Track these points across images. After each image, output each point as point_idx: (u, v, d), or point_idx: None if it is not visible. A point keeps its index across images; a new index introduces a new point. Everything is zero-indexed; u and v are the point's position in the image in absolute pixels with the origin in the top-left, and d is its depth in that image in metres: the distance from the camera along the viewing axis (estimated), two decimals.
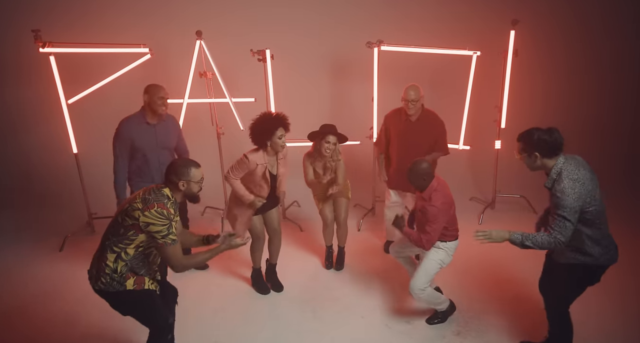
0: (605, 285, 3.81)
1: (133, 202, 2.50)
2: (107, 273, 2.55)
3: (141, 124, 3.70)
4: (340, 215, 4.11)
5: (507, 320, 3.51)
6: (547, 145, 2.58)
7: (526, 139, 2.64)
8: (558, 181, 2.56)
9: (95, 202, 5.14)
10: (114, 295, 2.60)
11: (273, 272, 3.99)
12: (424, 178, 3.19)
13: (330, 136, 3.76)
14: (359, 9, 5.76)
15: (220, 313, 3.69)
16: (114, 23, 5.45)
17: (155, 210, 2.45)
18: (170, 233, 2.50)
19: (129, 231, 2.51)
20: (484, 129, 5.59)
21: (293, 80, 5.62)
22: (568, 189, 2.50)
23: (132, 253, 2.56)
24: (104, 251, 2.57)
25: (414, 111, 4.00)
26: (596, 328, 3.35)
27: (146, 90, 3.69)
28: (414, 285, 3.28)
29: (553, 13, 5.84)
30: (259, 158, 3.46)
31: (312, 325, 3.53)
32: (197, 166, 2.63)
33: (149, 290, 2.65)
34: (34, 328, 3.55)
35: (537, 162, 2.64)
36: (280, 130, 3.42)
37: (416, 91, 3.93)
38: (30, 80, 5.54)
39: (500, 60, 4.85)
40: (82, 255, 4.58)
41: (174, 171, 2.57)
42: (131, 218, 2.48)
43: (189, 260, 2.65)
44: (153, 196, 2.51)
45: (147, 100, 3.67)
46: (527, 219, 5.16)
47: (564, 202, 2.50)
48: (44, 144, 5.78)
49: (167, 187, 2.59)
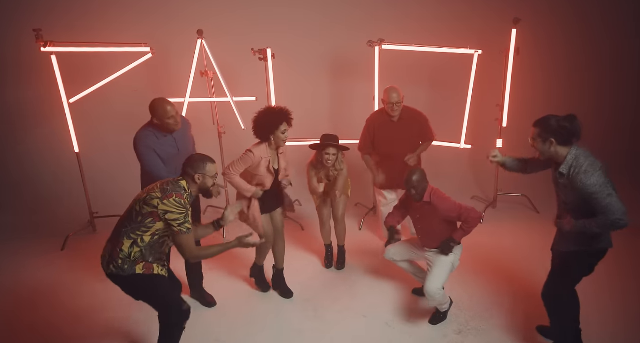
0: (606, 285, 3.83)
1: (152, 192, 2.64)
2: (120, 258, 2.64)
3: (159, 137, 3.39)
4: (338, 212, 4.12)
5: (509, 319, 3.51)
6: (566, 132, 2.59)
7: (544, 124, 2.64)
8: (576, 166, 2.55)
9: (96, 201, 5.15)
10: (125, 278, 2.68)
11: (281, 278, 3.94)
12: (426, 181, 3.30)
13: (329, 148, 3.80)
14: (360, 8, 5.76)
15: (221, 312, 3.69)
16: (115, 22, 5.45)
17: (173, 199, 2.59)
18: (187, 222, 2.63)
19: (147, 219, 2.62)
20: (486, 127, 5.58)
21: (294, 79, 5.62)
22: (590, 168, 2.51)
23: (148, 240, 2.67)
24: (120, 237, 2.66)
25: (398, 112, 4.11)
26: (597, 328, 3.34)
27: (153, 113, 3.34)
28: (433, 286, 3.27)
29: (554, 11, 5.83)
30: (263, 152, 3.46)
31: (313, 324, 3.54)
32: (213, 162, 2.79)
33: (158, 276, 2.75)
34: (38, 326, 3.56)
35: (552, 148, 2.64)
36: (284, 125, 3.43)
37: (398, 93, 4.06)
38: (32, 79, 5.55)
39: (502, 59, 4.84)
40: (83, 254, 4.59)
41: (190, 164, 2.72)
42: (150, 206, 2.60)
43: (200, 251, 2.78)
44: (171, 187, 2.65)
45: (158, 122, 3.35)
46: (529, 218, 5.16)
47: (592, 179, 2.48)
48: (46, 144, 5.79)
49: (183, 180, 2.73)
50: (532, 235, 4.72)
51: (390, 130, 4.20)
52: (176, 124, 3.37)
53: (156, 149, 3.39)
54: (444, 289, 3.31)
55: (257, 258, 3.90)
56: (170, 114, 3.31)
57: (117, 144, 5.78)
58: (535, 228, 4.84)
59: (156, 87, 5.61)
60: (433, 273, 3.32)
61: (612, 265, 4.09)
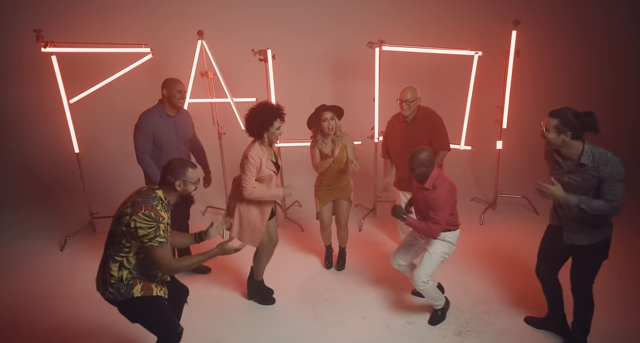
0: (605, 286, 3.83)
1: (124, 208, 2.50)
2: (112, 283, 2.55)
3: (162, 116, 3.77)
4: (342, 218, 4.08)
5: (508, 320, 3.51)
6: (584, 127, 2.65)
7: (564, 117, 2.65)
8: (598, 155, 2.64)
9: (96, 202, 5.15)
10: (123, 303, 2.60)
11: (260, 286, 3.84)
12: (426, 165, 3.15)
13: (324, 113, 3.75)
14: (360, 9, 5.77)
15: (221, 313, 3.69)
16: (115, 23, 5.46)
17: (142, 213, 2.43)
18: (157, 236, 2.45)
19: (122, 239, 2.51)
20: (486, 129, 5.59)
21: (294, 80, 5.63)
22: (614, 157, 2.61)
23: (134, 261, 2.56)
24: (107, 262, 2.57)
25: (409, 112, 4.00)
26: (596, 328, 3.34)
27: (164, 85, 3.76)
28: (418, 276, 3.28)
29: (554, 13, 5.84)
30: (258, 152, 3.35)
31: (313, 326, 3.53)
32: (194, 167, 2.61)
33: (157, 297, 2.65)
34: (37, 326, 3.56)
35: (565, 140, 2.68)
36: (277, 122, 3.35)
37: (413, 92, 3.93)
38: (32, 80, 5.56)
39: (502, 61, 4.85)
40: (83, 254, 4.59)
41: (170, 171, 2.54)
42: (122, 224, 2.48)
43: (178, 263, 2.59)
44: (142, 198, 2.48)
45: (166, 94, 3.75)
46: (529, 219, 5.16)
47: (620, 167, 2.59)
48: (46, 144, 5.80)
49: (160, 189, 2.57)
50: (531, 236, 4.69)
51: (401, 130, 4.12)
52: (182, 98, 3.78)
53: (156, 131, 3.72)
54: (432, 282, 3.32)
55: (256, 273, 3.76)
56: (179, 87, 3.73)
57: (117, 145, 5.79)
58: (534, 230, 4.80)
59: (156, 88, 5.61)
60: (422, 263, 3.32)
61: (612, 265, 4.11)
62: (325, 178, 3.97)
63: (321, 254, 4.48)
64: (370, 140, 5.13)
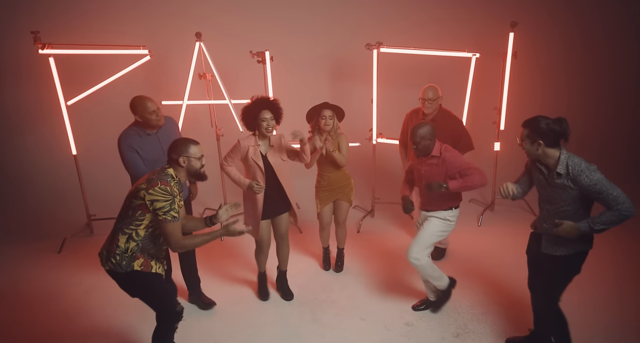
0: (605, 287, 3.83)
1: (139, 184, 2.62)
2: (117, 254, 2.64)
3: (142, 136, 3.35)
4: (340, 217, 4.11)
5: (506, 322, 3.51)
6: (555, 135, 2.61)
7: (533, 126, 2.64)
8: (573, 165, 2.58)
9: (94, 204, 5.14)
10: (123, 275, 2.68)
11: (283, 279, 3.96)
12: (429, 138, 3.21)
13: (324, 110, 3.80)
14: (358, 11, 5.78)
15: (219, 315, 3.68)
16: (113, 24, 5.46)
17: (159, 187, 2.55)
18: (172, 210, 2.57)
19: (137, 212, 2.60)
20: (483, 130, 5.59)
21: (292, 82, 5.63)
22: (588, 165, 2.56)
23: (143, 234, 2.65)
24: (116, 234, 2.66)
25: (431, 110, 4.03)
26: (596, 329, 3.35)
27: (134, 109, 3.29)
28: (409, 252, 3.32)
29: (552, 15, 5.86)
30: (250, 141, 3.50)
31: (311, 327, 3.53)
32: (196, 143, 2.71)
33: (157, 274, 2.74)
34: (35, 327, 3.55)
35: (539, 150, 2.66)
36: (265, 113, 3.41)
37: (434, 91, 3.99)
38: (30, 81, 5.55)
39: (499, 62, 4.86)
40: (80, 256, 4.58)
41: (174, 149, 2.67)
42: (137, 198, 2.58)
43: (186, 240, 2.68)
44: (156, 176, 2.61)
45: (140, 119, 3.31)
46: (527, 221, 5.14)
47: (596, 175, 2.52)
48: (43, 146, 5.78)
49: (170, 168, 2.68)
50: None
51: None
52: (158, 119, 3.33)
53: (140, 150, 3.33)
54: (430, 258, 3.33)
55: (258, 266, 3.89)
56: (150, 109, 3.27)
57: (115, 147, 5.74)
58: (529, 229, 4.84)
59: (154, 89, 5.61)
60: (413, 240, 3.34)
61: (611, 266, 4.12)
62: (323, 179, 3.98)
63: (320, 256, 4.48)
64: (368, 142, 5.13)
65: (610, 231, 2.80)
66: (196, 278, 3.78)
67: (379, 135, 5.05)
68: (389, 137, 5.06)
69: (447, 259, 4.40)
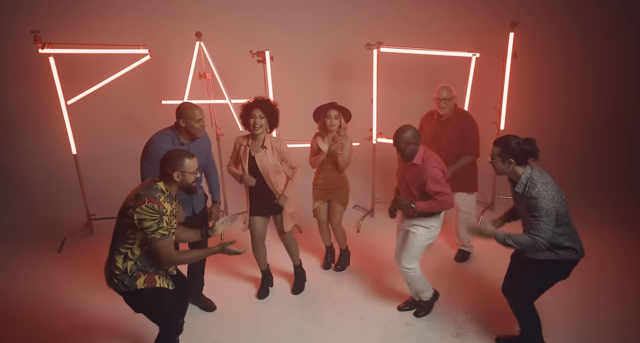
0: (605, 285, 3.83)
1: (128, 201, 2.54)
2: (117, 274, 2.60)
3: (175, 144, 3.24)
4: (334, 219, 4.10)
5: (506, 322, 3.51)
6: (526, 155, 2.73)
7: (505, 145, 2.74)
8: (531, 186, 2.69)
9: (94, 203, 5.14)
10: (127, 293, 2.65)
11: (296, 273, 4.00)
12: (413, 142, 3.16)
13: (331, 110, 3.82)
14: (358, 10, 5.77)
15: (219, 315, 3.69)
16: (113, 24, 5.45)
17: (146, 205, 2.45)
18: (160, 228, 2.49)
19: (127, 230, 2.55)
20: (483, 130, 5.56)
21: (292, 82, 5.63)
22: (542, 192, 2.64)
23: (139, 252, 2.60)
24: (113, 253, 2.62)
25: (447, 110, 4.00)
26: (596, 326, 3.35)
27: (181, 113, 3.21)
28: (400, 261, 3.37)
29: (552, 15, 5.85)
30: (244, 140, 3.60)
31: (311, 327, 3.53)
32: (191, 157, 2.63)
33: (161, 289, 2.69)
34: (36, 327, 3.55)
35: (510, 168, 2.77)
36: (255, 110, 3.44)
37: (448, 91, 3.96)
38: (30, 81, 5.54)
39: (500, 62, 4.86)
40: (80, 256, 4.58)
41: (167, 163, 2.57)
42: (127, 217, 2.52)
43: (180, 256, 2.65)
44: (145, 191, 2.51)
45: (184, 124, 3.21)
46: None
47: (540, 204, 2.63)
48: (43, 145, 5.78)
49: (161, 181, 2.59)
50: None
51: (432, 128, 4.12)
52: (201, 130, 3.26)
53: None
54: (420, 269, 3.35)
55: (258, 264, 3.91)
56: (197, 116, 3.20)
57: (115, 146, 5.78)
58: None
59: (154, 89, 5.62)
60: (404, 249, 3.37)
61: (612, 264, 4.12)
62: (320, 177, 4.01)
63: (319, 255, 4.48)
64: (368, 142, 5.13)
65: (610, 229, 2.81)
66: (201, 282, 3.78)
67: (379, 135, 5.05)
68: (389, 136, 5.06)
69: (447, 259, 4.40)
